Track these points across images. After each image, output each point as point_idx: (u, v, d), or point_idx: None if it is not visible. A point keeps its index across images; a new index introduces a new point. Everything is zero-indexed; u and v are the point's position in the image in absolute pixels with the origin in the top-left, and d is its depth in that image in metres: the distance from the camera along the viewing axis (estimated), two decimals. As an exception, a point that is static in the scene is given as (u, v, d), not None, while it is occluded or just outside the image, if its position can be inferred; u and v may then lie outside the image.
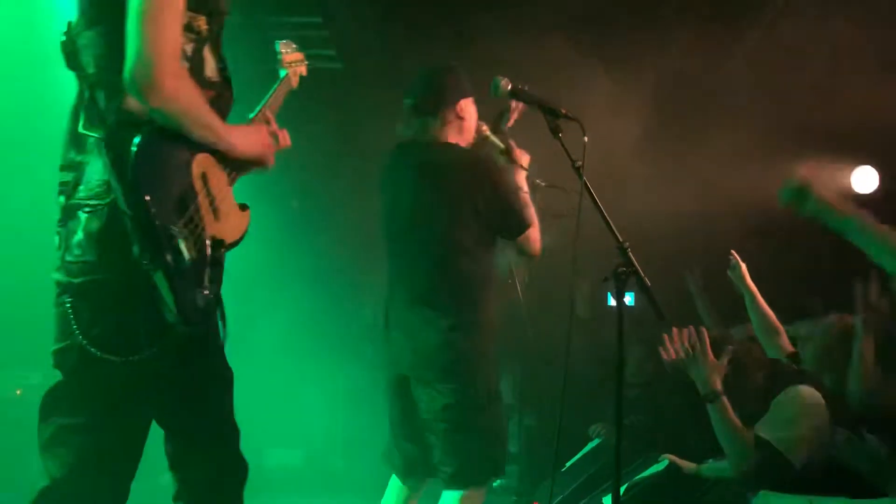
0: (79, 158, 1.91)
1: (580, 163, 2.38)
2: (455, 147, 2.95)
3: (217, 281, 1.93)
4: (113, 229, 1.82)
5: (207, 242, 1.87)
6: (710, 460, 3.58)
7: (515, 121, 3.04)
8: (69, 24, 1.94)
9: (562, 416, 2.55)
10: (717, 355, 3.06)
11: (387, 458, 3.14)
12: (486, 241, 2.90)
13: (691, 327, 3.06)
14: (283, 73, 2.47)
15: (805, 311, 4.74)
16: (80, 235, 1.86)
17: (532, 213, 2.99)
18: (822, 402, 3.04)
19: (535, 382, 5.95)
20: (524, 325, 4.77)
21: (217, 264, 1.91)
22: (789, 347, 3.71)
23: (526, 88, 2.54)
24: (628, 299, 6.26)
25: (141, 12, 1.75)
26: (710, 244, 5.63)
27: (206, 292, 1.85)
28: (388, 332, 3.01)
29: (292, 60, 2.50)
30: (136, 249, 1.77)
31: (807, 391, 3.07)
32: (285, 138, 2.21)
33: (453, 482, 2.82)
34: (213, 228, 1.90)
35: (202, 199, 1.88)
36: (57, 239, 1.93)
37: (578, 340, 5.80)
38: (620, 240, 2.36)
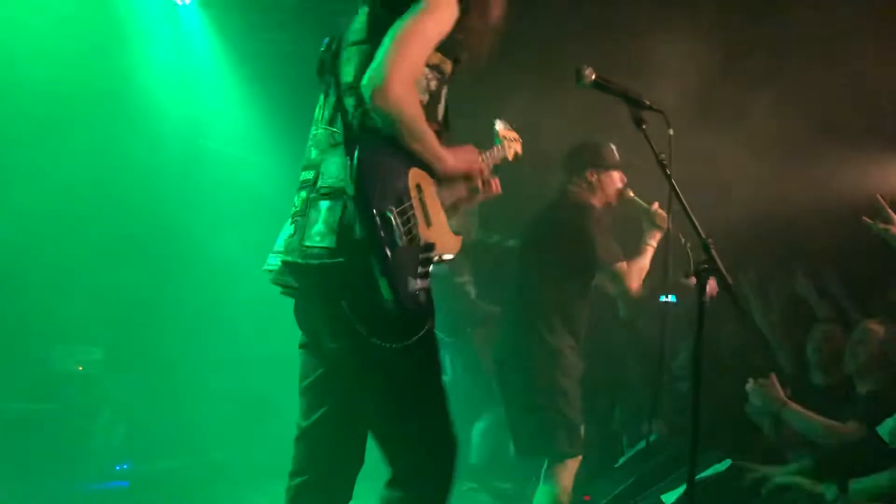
0: (319, 158, 2.15)
1: (664, 155, 2.33)
2: (568, 205, 3.73)
3: (428, 278, 2.09)
4: (351, 220, 2.01)
5: (420, 239, 2.06)
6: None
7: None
8: (329, 41, 2.25)
9: (651, 419, 2.53)
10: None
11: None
12: (582, 279, 3.66)
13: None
14: (497, 142, 2.70)
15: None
16: (319, 225, 2.05)
17: (644, 264, 3.69)
18: None
19: (583, 382, 5.88)
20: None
21: (427, 263, 2.08)
22: None
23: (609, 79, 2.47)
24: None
25: (395, 32, 2.03)
26: (762, 242, 5.51)
27: (420, 282, 2.02)
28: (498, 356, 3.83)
29: (507, 136, 2.74)
30: (357, 228, 1.97)
31: None
32: (497, 186, 2.45)
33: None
34: (424, 233, 2.09)
35: (416, 203, 2.08)
36: (292, 227, 2.13)
37: (623, 339, 5.73)
38: (703, 236, 2.30)
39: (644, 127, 2.37)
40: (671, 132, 2.31)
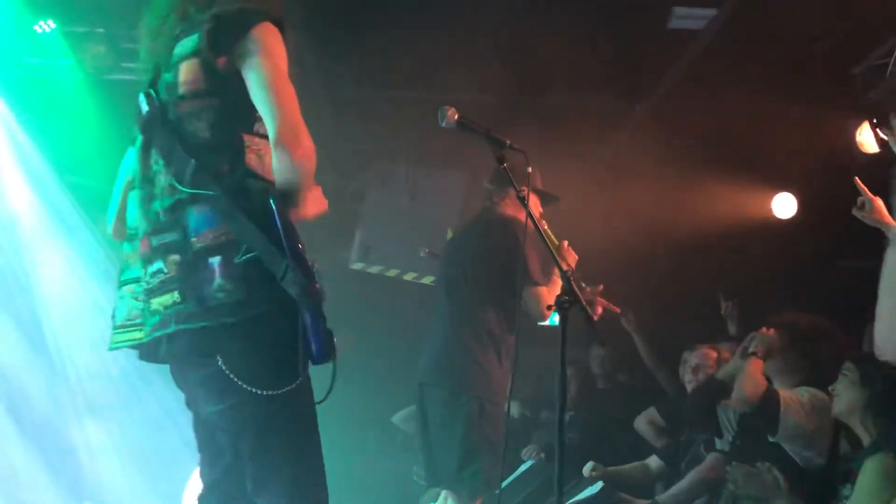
0: (173, 217, 2.01)
1: (525, 191, 2.40)
2: (499, 218, 3.67)
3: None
4: (255, 268, 1.92)
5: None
6: None
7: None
8: (147, 95, 2.09)
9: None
10: None
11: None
12: (510, 290, 3.48)
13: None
14: None
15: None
16: (219, 281, 1.93)
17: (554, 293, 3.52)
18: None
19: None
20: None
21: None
22: None
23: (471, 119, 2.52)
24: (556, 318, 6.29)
25: (270, 85, 1.97)
26: (641, 276, 5.75)
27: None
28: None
29: None
30: (293, 290, 1.87)
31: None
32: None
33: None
34: None
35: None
36: (176, 295, 1.98)
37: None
38: (564, 269, 2.38)
39: (505, 165, 2.44)
40: (530, 170, 2.39)
